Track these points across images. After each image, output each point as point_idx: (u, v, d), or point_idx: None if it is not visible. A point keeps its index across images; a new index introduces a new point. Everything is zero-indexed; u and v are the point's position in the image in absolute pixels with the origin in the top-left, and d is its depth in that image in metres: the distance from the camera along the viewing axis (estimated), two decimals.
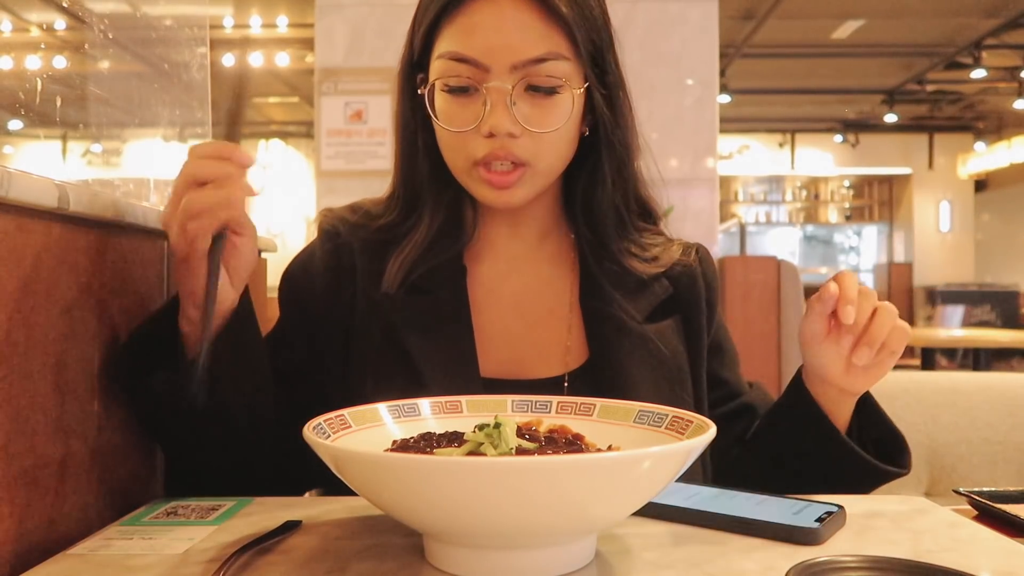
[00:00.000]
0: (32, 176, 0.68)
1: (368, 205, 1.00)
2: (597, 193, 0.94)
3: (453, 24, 0.85)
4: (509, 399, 0.78)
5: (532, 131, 0.85)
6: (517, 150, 0.85)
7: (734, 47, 7.13)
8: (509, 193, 0.87)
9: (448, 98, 0.87)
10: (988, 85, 8.46)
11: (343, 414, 0.70)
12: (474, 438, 0.65)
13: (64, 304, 0.74)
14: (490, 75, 0.84)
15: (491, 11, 0.83)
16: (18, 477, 0.67)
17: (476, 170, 0.87)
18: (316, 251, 0.96)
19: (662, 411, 0.71)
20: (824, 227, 11.80)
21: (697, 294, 0.98)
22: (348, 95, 3.60)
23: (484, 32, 0.83)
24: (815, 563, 0.56)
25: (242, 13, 6.62)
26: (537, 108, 0.85)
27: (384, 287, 0.91)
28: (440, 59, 0.86)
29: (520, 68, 0.83)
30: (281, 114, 10.00)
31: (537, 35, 0.83)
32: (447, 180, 0.93)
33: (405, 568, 0.62)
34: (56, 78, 1.94)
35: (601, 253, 0.95)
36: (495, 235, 0.98)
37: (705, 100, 3.82)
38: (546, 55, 0.84)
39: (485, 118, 0.84)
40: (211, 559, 0.63)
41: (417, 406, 0.76)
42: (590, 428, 0.74)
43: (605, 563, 0.63)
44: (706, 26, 3.86)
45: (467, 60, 0.84)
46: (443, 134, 0.89)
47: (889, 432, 0.90)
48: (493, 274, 0.97)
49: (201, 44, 1.85)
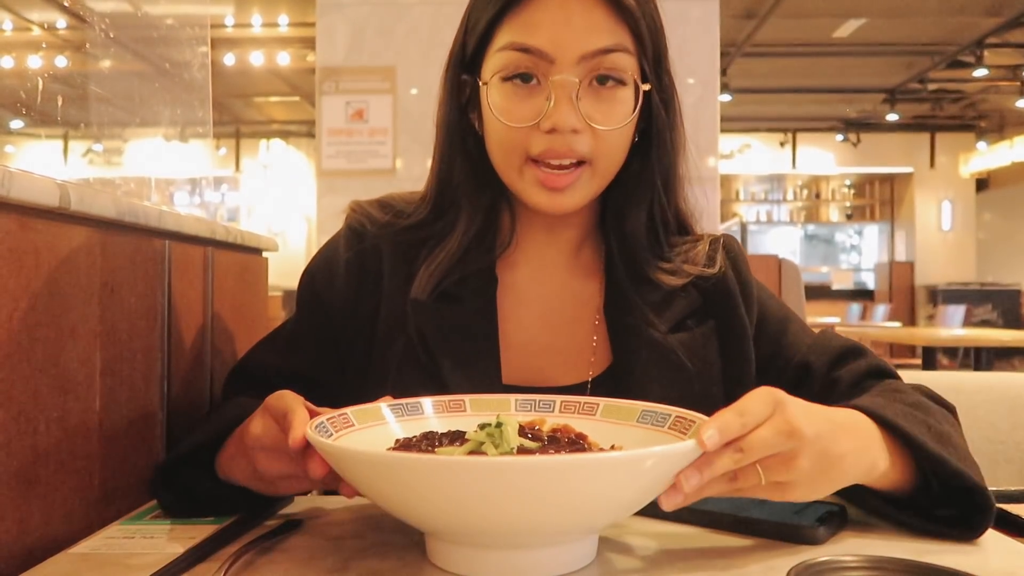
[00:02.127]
0: (33, 175, 0.68)
1: (399, 202, 0.97)
2: (631, 208, 0.92)
3: (516, 19, 0.83)
4: (513, 398, 0.78)
5: (595, 128, 0.83)
6: (578, 145, 0.83)
7: (735, 46, 7.13)
8: (563, 196, 0.85)
9: (507, 92, 0.84)
10: (990, 84, 8.45)
11: (346, 412, 0.70)
12: (475, 437, 0.65)
13: (65, 304, 0.74)
14: (555, 67, 0.81)
15: (556, 4, 0.82)
16: (19, 476, 0.67)
17: (529, 169, 0.85)
18: (340, 250, 0.94)
19: (665, 411, 0.71)
20: (825, 226, 11.79)
21: (730, 294, 0.94)
22: (349, 94, 3.60)
23: (551, 24, 0.81)
24: (816, 563, 0.56)
25: (243, 12, 6.62)
26: (602, 103, 0.83)
27: (413, 293, 0.89)
28: (502, 51, 0.83)
29: (587, 60, 0.81)
30: (282, 113, 10.00)
31: (605, 28, 0.82)
32: (486, 183, 0.91)
33: (406, 567, 0.62)
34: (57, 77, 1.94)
35: (630, 266, 0.93)
36: (530, 240, 0.95)
37: (706, 99, 3.81)
38: (613, 46, 0.82)
39: (548, 113, 0.81)
40: (212, 558, 0.63)
41: (420, 405, 0.76)
42: (593, 428, 0.74)
43: (606, 562, 0.63)
44: (707, 25, 3.85)
45: (532, 51, 0.81)
46: (497, 129, 0.85)
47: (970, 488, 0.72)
48: (523, 281, 0.95)
49: (202, 43, 1.85)
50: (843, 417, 0.70)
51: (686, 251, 0.94)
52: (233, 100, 9.12)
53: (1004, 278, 9.72)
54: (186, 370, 1.03)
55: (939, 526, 0.71)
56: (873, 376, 0.89)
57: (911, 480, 0.73)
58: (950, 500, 0.73)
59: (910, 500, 0.74)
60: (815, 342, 0.94)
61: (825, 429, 0.65)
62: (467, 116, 0.91)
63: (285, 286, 7.62)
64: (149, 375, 0.92)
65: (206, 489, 0.76)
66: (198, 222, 1.06)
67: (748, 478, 0.63)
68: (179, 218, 1.00)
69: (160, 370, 0.95)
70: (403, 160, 3.45)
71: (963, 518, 0.71)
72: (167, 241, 0.97)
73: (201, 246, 1.08)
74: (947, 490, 0.72)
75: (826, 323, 6.92)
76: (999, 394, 1.26)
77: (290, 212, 10.17)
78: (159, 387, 0.95)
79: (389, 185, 1.04)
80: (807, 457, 0.63)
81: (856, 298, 10.19)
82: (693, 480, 0.59)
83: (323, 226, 3.51)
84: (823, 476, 0.65)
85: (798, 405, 0.64)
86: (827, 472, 0.65)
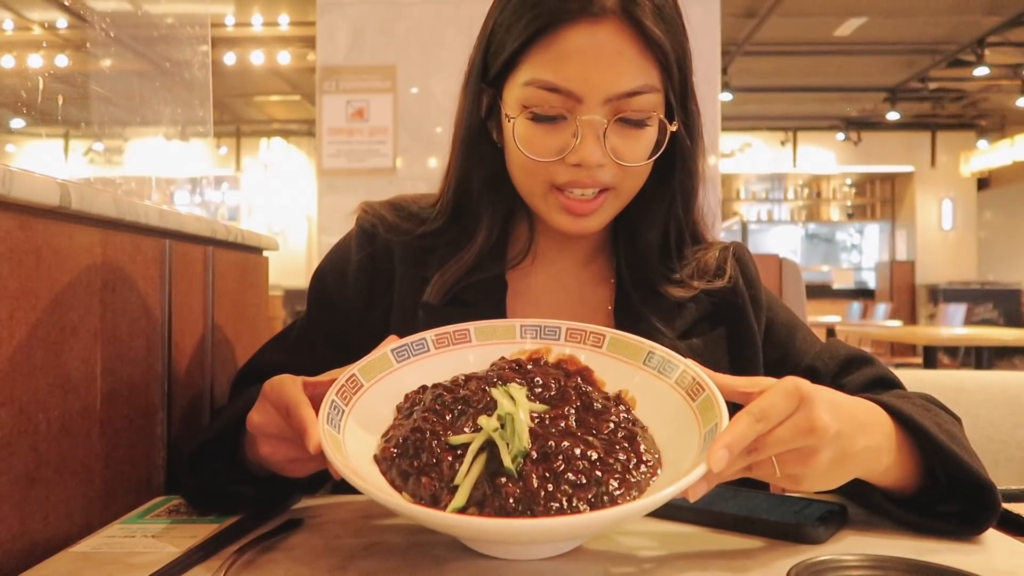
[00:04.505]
0: (34, 175, 0.68)
1: (411, 205, 0.97)
2: (647, 226, 0.92)
3: (546, 50, 0.81)
4: (517, 323, 0.77)
5: (619, 163, 0.83)
6: (602, 177, 0.83)
7: (736, 45, 7.12)
8: (587, 221, 0.86)
9: (533, 125, 0.83)
10: (991, 83, 8.44)
11: (354, 374, 0.68)
12: (488, 426, 0.62)
13: (66, 303, 0.74)
14: (582, 106, 0.81)
15: (588, 39, 0.79)
16: (20, 475, 0.67)
17: (553, 195, 0.85)
18: (352, 251, 0.94)
19: (674, 360, 0.70)
20: (826, 225, 11.78)
21: (740, 301, 0.94)
22: (350, 93, 3.60)
23: (581, 62, 0.79)
24: (817, 562, 0.56)
25: (243, 11, 6.62)
26: (627, 140, 0.83)
27: (426, 297, 0.89)
28: (529, 86, 0.82)
29: (614, 101, 0.81)
30: (282, 112, 10.00)
31: (634, 67, 0.81)
32: (503, 192, 0.91)
33: (407, 566, 0.62)
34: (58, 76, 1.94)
35: (640, 278, 0.93)
36: (544, 249, 0.96)
37: (707, 98, 3.79)
38: (641, 88, 0.81)
39: (575, 148, 0.81)
40: (213, 557, 0.63)
41: (425, 341, 0.74)
42: (599, 362, 0.73)
43: (607, 561, 0.64)
44: (708, 23, 3.85)
45: (560, 91, 0.80)
46: (521, 158, 0.85)
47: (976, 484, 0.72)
48: (535, 287, 0.96)
49: (203, 42, 1.85)
50: (864, 414, 0.70)
51: (697, 260, 0.95)
52: (234, 99, 9.12)
53: (1005, 277, 9.71)
54: (186, 370, 1.03)
55: (941, 522, 0.71)
56: (879, 385, 0.89)
57: (914, 477, 0.74)
58: (955, 497, 0.73)
59: (911, 498, 0.74)
60: (822, 349, 0.95)
61: (847, 428, 0.65)
62: (486, 126, 0.90)
63: (286, 285, 7.64)
64: (149, 374, 0.92)
65: (228, 476, 0.77)
66: (199, 221, 1.06)
67: (762, 470, 0.64)
68: (180, 217, 1.00)
69: (160, 369, 0.95)
70: (403, 159, 3.45)
71: (967, 514, 0.71)
72: (168, 240, 0.97)
73: (202, 245, 1.08)
74: (954, 486, 0.72)
75: (827, 322, 6.92)
76: (1000, 393, 1.26)
77: (291, 211, 10.17)
78: (159, 386, 0.95)
79: (389, 184, 1.04)
80: (825, 454, 0.63)
81: (857, 297, 10.19)
82: (701, 490, 0.60)
83: (324, 225, 3.51)
84: (836, 470, 0.66)
85: (824, 401, 0.64)
86: (841, 467, 0.66)
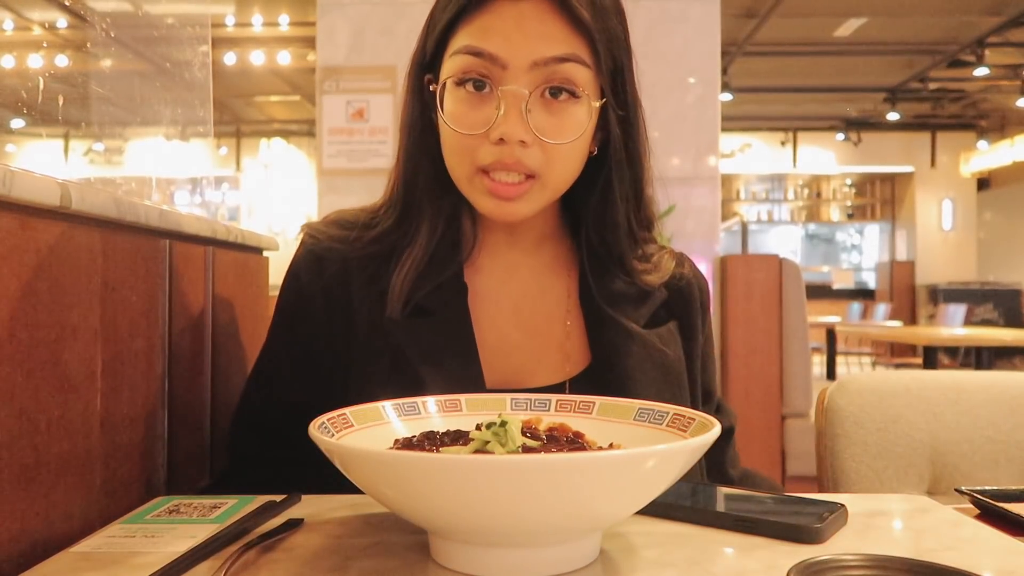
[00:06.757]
0: (34, 175, 0.68)
1: (356, 216, 0.96)
2: (609, 211, 0.92)
3: (472, 23, 0.82)
4: (508, 397, 0.78)
5: (545, 141, 0.82)
6: (527, 159, 0.82)
7: (736, 45, 7.12)
8: (513, 205, 0.85)
9: (459, 98, 0.83)
10: (991, 83, 8.45)
11: (344, 413, 0.70)
12: (480, 436, 0.65)
13: (66, 303, 0.74)
14: (507, 74, 0.81)
15: (512, 12, 0.81)
16: (20, 475, 0.67)
17: (479, 178, 0.84)
18: (302, 278, 0.93)
19: (663, 409, 0.71)
20: (826, 225, 11.79)
21: (692, 297, 0.99)
22: (350, 93, 3.60)
23: (504, 29, 0.81)
24: (817, 562, 0.56)
25: (244, 11, 6.63)
26: (552, 117, 0.82)
27: (388, 311, 0.88)
28: (456, 55, 0.83)
29: (539, 67, 0.80)
30: (283, 113, 10.00)
31: (559, 36, 0.81)
32: (447, 187, 0.90)
33: (408, 566, 0.62)
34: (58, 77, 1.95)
35: (611, 264, 0.94)
36: (493, 242, 0.96)
37: (707, 98, 3.81)
38: (567, 55, 0.81)
39: (497, 123, 0.80)
40: (213, 557, 0.64)
41: (417, 405, 0.76)
42: (589, 426, 0.74)
43: (608, 561, 0.64)
44: (708, 24, 3.85)
45: (484, 54, 0.81)
46: (449, 136, 0.85)
47: None
48: (492, 284, 0.96)
49: (203, 42, 1.85)
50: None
51: (658, 260, 0.98)
52: (234, 99, 9.12)
53: (1005, 277, 9.72)
54: (186, 369, 1.03)
55: None
56: None
57: None
58: None
59: None
60: (718, 390, 1.05)
61: None
62: (430, 118, 0.90)
63: None
64: (149, 374, 0.92)
65: None
66: (199, 221, 1.06)
67: None
68: (180, 217, 1.00)
69: (160, 369, 0.95)
70: None
71: None
72: (168, 240, 0.97)
73: (202, 245, 1.08)
74: None
75: (826, 322, 6.92)
76: (1000, 393, 1.26)
77: (291, 211, 10.17)
78: (159, 386, 0.95)
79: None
80: None
81: (857, 297, 10.21)
82: None
83: None
84: None
85: None
86: None
